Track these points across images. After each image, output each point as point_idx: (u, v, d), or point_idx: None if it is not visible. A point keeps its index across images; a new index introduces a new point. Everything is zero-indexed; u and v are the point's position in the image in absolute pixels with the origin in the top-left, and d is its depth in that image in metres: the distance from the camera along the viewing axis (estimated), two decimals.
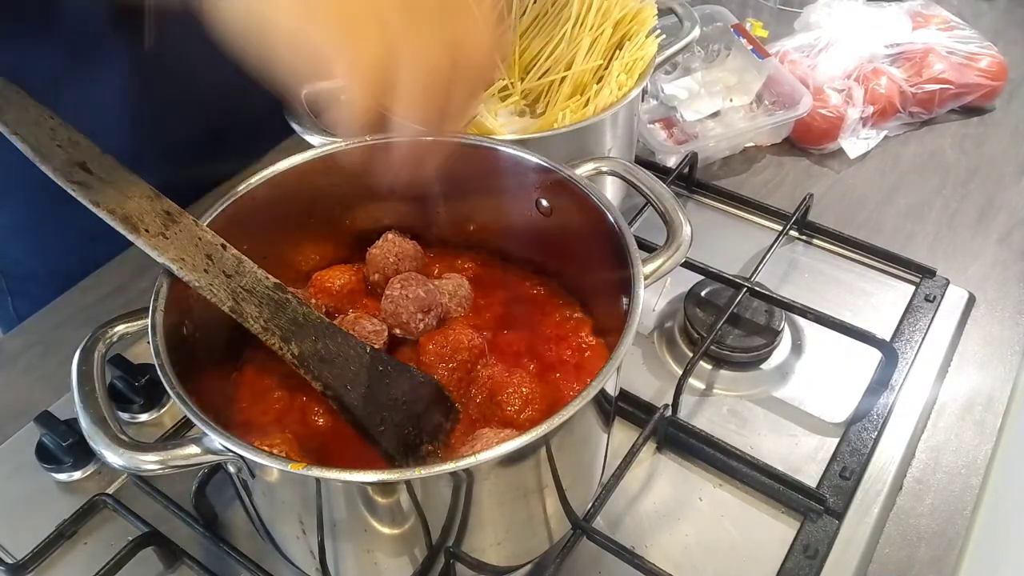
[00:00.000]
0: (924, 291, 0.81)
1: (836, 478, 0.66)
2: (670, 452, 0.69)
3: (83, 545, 0.64)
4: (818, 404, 0.73)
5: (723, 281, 0.78)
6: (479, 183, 0.65)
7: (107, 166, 0.49)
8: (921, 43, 1.07)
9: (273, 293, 0.53)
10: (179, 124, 0.95)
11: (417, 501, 0.46)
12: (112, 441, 0.45)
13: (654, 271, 0.56)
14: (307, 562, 0.54)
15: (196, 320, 0.54)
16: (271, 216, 0.61)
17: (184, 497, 0.64)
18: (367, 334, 0.58)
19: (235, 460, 0.46)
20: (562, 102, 0.79)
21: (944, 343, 0.77)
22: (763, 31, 1.14)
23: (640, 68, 0.78)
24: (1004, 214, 0.92)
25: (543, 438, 0.45)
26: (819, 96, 0.99)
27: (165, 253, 0.50)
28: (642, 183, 0.62)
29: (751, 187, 0.96)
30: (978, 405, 0.73)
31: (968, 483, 0.67)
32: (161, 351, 0.48)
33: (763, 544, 0.63)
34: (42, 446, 0.68)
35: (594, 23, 0.80)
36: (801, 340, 0.78)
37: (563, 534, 0.59)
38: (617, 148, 0.79)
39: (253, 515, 0.54)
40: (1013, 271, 0.85)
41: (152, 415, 0.72)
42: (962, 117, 1.07)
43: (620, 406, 0.70)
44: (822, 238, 0.88)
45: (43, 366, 0.78)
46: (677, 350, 0.77)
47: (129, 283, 0.85)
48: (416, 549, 0.51)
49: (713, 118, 1.00)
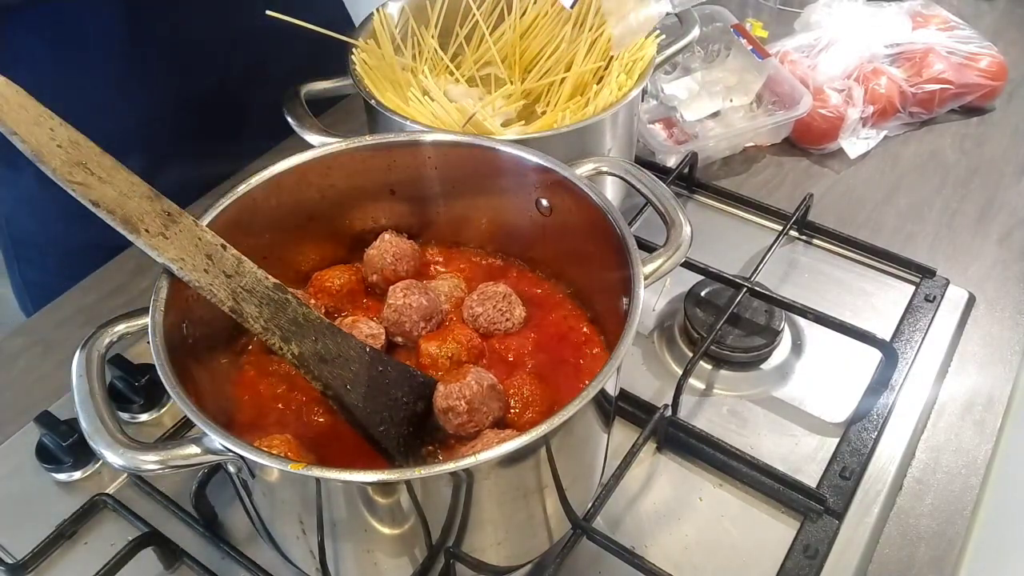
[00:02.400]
0: (924, 291, 0.81)
1: (836, 478, 0.66)
2: (670, 452, 0.69)
3: (83, 545, 0.64)
4: (818, 404, 0.73)
5: (723, 281, 0.78)
6: (479, 183, 0.65)
7: (107, 166, 0.49)
8: (921, 43, 1.07)
9: (273, 293, 0.53)
10: (179, 124, 0.95)
11: (417, 501, 0.46)
12: (112, 441, 0.45)
13: (654, 271, 0.56)
14: (307, 562, 0.54)
15: (196, 320, 0.54)
16: (271, 216, 0.61)
17: (184, 497, 0.64)
18: (364, 337, 0.58)
19: (235, 460, 0.46)
20: (562, 103, 0.79)
21: (944, 343, 0.77)
22: (763, 31, 1.13)
23: (640, 68, 0.78)
24: (1004, 214, 0.92)
25: (543, 438, 0.45)
26: (819, 96, 0.99)
27: (165, 253, 0.50)
28: (642, 183, 0.62)
29: (751, 187, 0.96)
30: (978, 405, 0.73)
31: (968, 483, 0.67)
32: (161, 351, 0.48)
33: (763, 544, 0.63)
34: (42, 446, 0.68)
35: (594, 24, 0.80)
36: (801, 340, 0.78)
37: (563, 534, 0.59)
38: (617, 148, 0.79)
39: (253, 515, 0.54)
40: (1013, 271, 0.85)
41: (152, 415, 0.72)
42: (962, 117, 1.07)
43: (620, 406, 0.70)
44: (822, 238, 0.88)
45: (43, 366, 0.78)
46: (677, 350, 0.77)
47: (129, 283, 0.86)
48: (416, 549, 0.51)
49: (713, 118, 1.00)
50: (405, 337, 0.60)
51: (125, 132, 0.90)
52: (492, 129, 0.74)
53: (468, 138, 0.64)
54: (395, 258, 0.64)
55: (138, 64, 0.89)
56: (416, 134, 0.64)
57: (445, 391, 0.54)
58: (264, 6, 0.72)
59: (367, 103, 0.75)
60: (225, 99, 0.96)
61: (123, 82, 0.89)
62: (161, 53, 0.90)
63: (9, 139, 0.45)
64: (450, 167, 0.65)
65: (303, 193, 0.63)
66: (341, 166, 0.63)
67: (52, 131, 0.47)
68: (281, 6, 0.74)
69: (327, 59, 0.80)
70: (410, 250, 0.65)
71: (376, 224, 0.67)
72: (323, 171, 0.63)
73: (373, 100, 0.74)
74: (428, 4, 0.85)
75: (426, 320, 0.60)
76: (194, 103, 0.94)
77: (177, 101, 0.93)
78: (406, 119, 0.71)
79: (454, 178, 0.65)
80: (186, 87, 0.93)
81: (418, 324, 0.60)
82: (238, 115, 0.98)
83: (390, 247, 0.64)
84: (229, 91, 0.96)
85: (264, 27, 0.73)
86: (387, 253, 0.64)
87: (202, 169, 0.94)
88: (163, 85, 0.92)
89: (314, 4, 0.83)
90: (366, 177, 0.64)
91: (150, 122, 0.93)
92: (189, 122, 0.95)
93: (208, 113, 0.96)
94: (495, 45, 0.84)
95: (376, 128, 0.76)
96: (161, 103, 0.93)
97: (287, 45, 0.76)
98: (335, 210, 0.65)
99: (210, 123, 0.97)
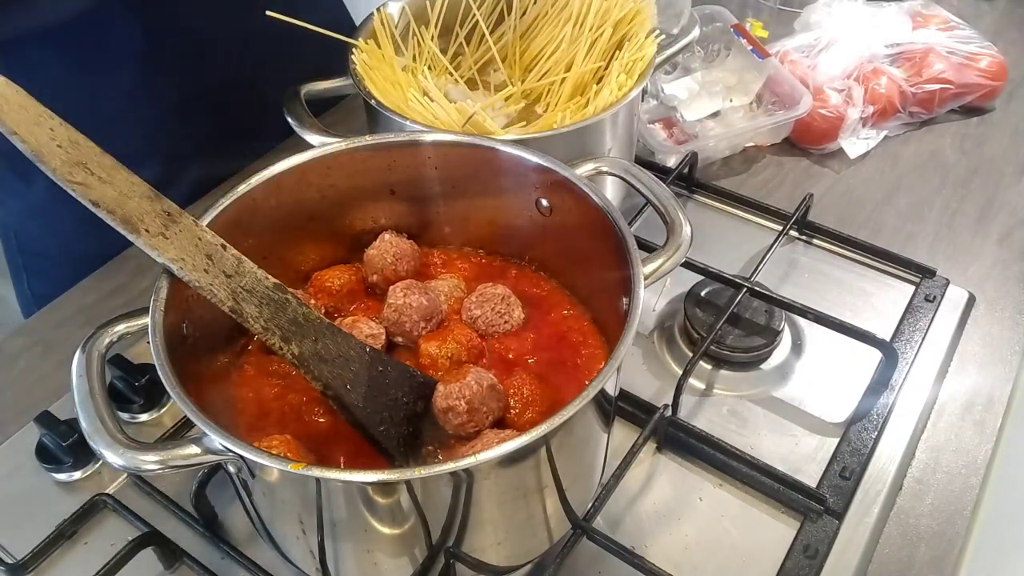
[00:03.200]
0: (924, 291, 0.81)
1: (836, 478, 0.66)
2: (670, 452, 0.69)
3: (83, 545, 0.64)
4: (818, 404, 0.73)
5: (723, 281, 0.78)
6: (479, 183, 0.65)
7: (107, 166, 0.49)
8: (921, 43, 1.07)
9: (273, 293, 0.53)
10: (179, 124, 0.95)
11: (417, 501, 0.46)
12: (112, 441, 0.45)
13: (654, 271, 0.56)
14: (307, 562, 0.54)
15: (196, 320, 0.54)
16: (271, 216, 0.61)
17: (184, 497, 0.64)
18: (364, 337, 0.58)
19: (235, 460, 0.46)
20: (562, 103, 0.79)
21: (944, 343, 0.77)
22: (763, 31, 1.13)
23: (640, 68, 0.78)
24: (1004, 214, 0.92)
25: (543, 438, 0.45)
26: (819, 96, 0.99)
27: (165, 253, 0.50)
28: (642, 183, 0.62)
29: (751, 187, 0.96)
30: (978, 405, 0.73)
31: (968, 483, 0.67)
32: (161, 351, 0.48)
33: (763, 544, 0.63)
34: (42, 446, 0.68)
35: (594, 24, 0.80)
36: (801, 340, 0.78)
37: (563, 534, 0.59)
38: (617, 148, 0.79)
39: (253, 515, 0.54)
40: (1013, 271, 0.85)
41: (152, 415, 0.72)
42: (962, 117, 1.07)
43: (620, 406, 0.70)
44: (822, 238, 0.88)
45: (43, 366, 0.78)
46: (677, 350, 0.77)
47: (129, 283, 0.86)
48: (416, 549, 0.51)
49: (713, 118, 1.00)
50: (405, 337, 0.61)
51: (144, 139, 0.91)
52: (491, 129, 0.74)
53: (468, 138, 0.64)
54: (395, 258, 0.64)
55: (155, 70, 0.89)
56: (416, 134, 0.64)
57: (445, 391, 0.54)
58: (267, 6, 0.72)
59: (367, 103, 0.75)
60: (225, 99, 0.96)
61: (123, 83, 0.89)
62: (176, 57, 0.90)
63: (9, 139, 0.45)
64: (450, 167, 0.65)
65: (303, 193, 0.63)
66: (341, 166, 0.63)
67: (52, 131, 0.47)
68: (284, 6, 0.74)
69: (340, 56, 0.80)
70: (410, 250, 0.65)
71: (376, 224, 0.67)
72: (323, 171, 0.63)
73: (373, 100, 0.74)
74: (428, 4, 0.85)
75: (426, 320, 0.60)
76: (194, 103, 0.95)
77: (177, 102, 0.93)
78: (406, 119, 0.71)
79: (454, 178, 0.65)
80: (186, 87, 0.93)
81: (418, 324, 0.60)
82: (238, 115, 0.98)
83: (390, 247, 0.64)
84: (229, 91, 0.96)
85: (276, 25, 0.74)
86: (387, 253, 0.64)
87: (202, 169, 0.94)
88: (163, 85, 0.92)
89: (318, 4, 0.83)
90: (366, 177, 0.64)
91: (150, 122, 0.93)
92: (189, 122, 0.95)
93: (208, 113, 0.96)
94: (495, 45, 0.84)
95: (376, 128, 0.76)
96: (161, 103, 0.93)
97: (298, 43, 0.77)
98: (335, 210, 0.65)
99: (210, 123, 0.97)
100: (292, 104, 0.76)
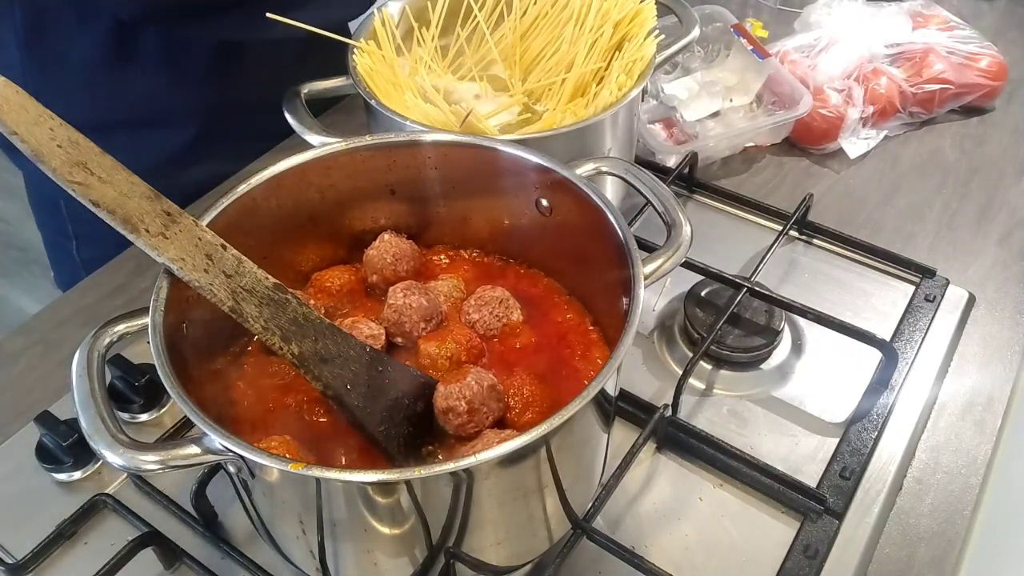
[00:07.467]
0: (924, 291, 0.81)
1: (836, 478, 0.66)
2: (670, 452, 0.69)
3: (83, 545, 0.64)
4: (818, 404, 0.73)
5: (723, 281, 0.78)
6: (479, 183, 0.65)
7: (107, 166, 0.49)
8: (921, 43, 1.07)
9: (273, 293, 0.53)
10: (179, 124, 0.95)
11: (417, 501, 0.46)
12: (112, 441, 0.45)
13: (654, 271, 0.56)
14: (307, 562, 0.54)
15: (196, 320, 0.54)
16: (271, 216, 0.61)
17: (184, 497, 0.64)
18: (364, 338, 0.58)
19: (235, 460, 0.46)
20: (563, 104, 0.79)
21: (944, 343, 0.77)
22: (763, 31, 1.13)
23: (640, 68, 0.78)
24: (1004, 214, 0.92)
25: (543, 438, 0.45)
26: (819, 96, 0.99)
27: (165, 253, 0.50)
28: (642, 183, 0.62)
29: (751, 187, 0.96)
30: (978, 405, 0.73)
31: (968, 483, 0.67)
32: (161, 351, 0.48)
33: (763, 544, 0.63)
34: (42, 446, 0.68)
35: (594, 24, 0.80)
36: (801, 340, 0.78)
37: (563, 534, 0.59)
38: (617, 148, 0.79)
39: (253, 515, 0.54)
40: (1013, 271, 0.85)
41: (152, 415, 0.72)
42: (962, 117, 1.07)
43: (620, 406, 0.70)
44: (822, 238, 0.88)
45: (43, 366, 0.78)
46: (677, 350, 0.77)
47: (129, 283, 0.86)
48: (416, 549, 0.51)
49: (713, 118, 1.00)
50: (405, 337, 0.60)
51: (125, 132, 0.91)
52: (485, 130, 0.74)
53: (468, 138, 0.64)
54: (395, 258, 0.64)
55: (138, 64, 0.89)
56: (416, 134, 0.64)
57: (445, 391, 0.54)
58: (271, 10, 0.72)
59: (367, 103, 0.75)
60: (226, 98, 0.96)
61: (173, 95, 0.90)
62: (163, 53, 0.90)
63: (9, 139, 0.46)
64: (450, 167, 0.65)
65: (303, 193, 0.63)
66: (341, 166, 0.63)
67: (52, 131, 0.47)
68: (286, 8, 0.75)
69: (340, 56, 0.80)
70: (410, 250, 0.65)
71: (376, 224, 0.67)
72: (323, 171, 0.63)
73: (373, 100, 0.74)
74: (428, 4, 0.85)
75: (426, 320, 0.60)
76: (194, 103, 0.95)
77: (177, 101, 0.94)
78: (406, 119, 0.71)
79: (454, 178, 0.65)
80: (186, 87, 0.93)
81: (418, 324, 0.60)
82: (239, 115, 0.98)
83: (390, 247, 0.64)
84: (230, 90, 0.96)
85: None
86: (387, 253, 0.64)
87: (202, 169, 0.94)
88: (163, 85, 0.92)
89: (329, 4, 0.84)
90: (366, 177, 0.64)
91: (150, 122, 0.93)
92: (189, 122, 0.95)
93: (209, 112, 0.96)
94: (496, 46, 0.84)
95: (376, 128, 0.76)
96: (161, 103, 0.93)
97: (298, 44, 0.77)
98: (335, 210, 0.65)
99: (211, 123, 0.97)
100: (292, 104, 0.76)
